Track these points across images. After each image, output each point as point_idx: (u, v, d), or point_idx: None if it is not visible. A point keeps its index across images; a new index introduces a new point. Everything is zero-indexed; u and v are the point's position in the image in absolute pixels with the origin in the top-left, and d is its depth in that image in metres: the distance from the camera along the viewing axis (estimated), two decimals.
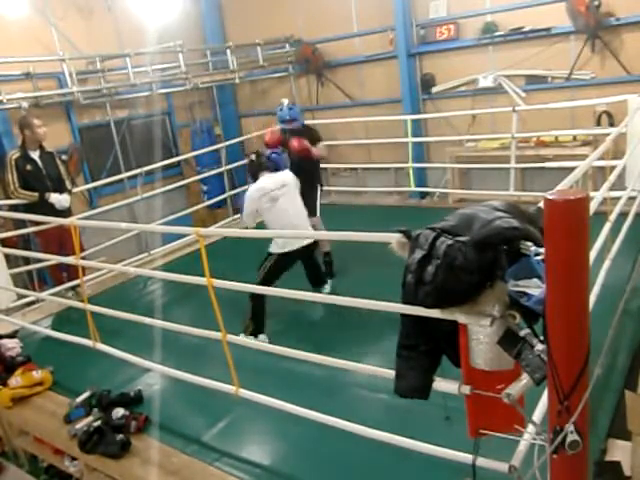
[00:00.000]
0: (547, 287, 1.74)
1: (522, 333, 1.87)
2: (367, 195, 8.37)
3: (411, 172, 7.58)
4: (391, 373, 2.27)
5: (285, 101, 5.67)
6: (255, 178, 4.64)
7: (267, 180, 4.57)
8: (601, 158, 3.97)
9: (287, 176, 4.70)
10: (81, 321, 4.06)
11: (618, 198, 4.33)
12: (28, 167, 5.39)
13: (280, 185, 4.57)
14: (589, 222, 1.70)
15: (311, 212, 5.14)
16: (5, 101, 6.44)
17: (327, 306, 3.19)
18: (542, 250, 1.77)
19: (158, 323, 3.62)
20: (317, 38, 8.65)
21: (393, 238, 2.12)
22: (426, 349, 2.16)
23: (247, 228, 4.63)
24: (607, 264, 3.92)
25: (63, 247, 5.37)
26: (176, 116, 9.24)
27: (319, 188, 5.63)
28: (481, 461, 2.18)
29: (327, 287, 4.97)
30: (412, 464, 2.72)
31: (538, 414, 2.38)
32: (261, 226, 4.66)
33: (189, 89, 8.41)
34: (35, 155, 5.46)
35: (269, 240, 4.51)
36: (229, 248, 5.90)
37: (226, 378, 3.16)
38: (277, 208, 4.49)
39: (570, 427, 1.75)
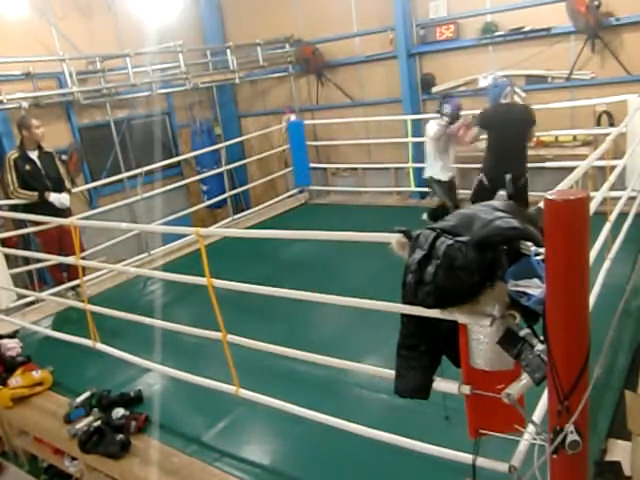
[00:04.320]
0: (547, 287, 1.74)
1: (522, 333, 1.87)
2: (367, 195, 8.36)
3: (411, 172, 7.58)
4: (391, 373, 2.27)
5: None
6: None
7: None
8: (601, 158, 3.97)
9: (428, 127, 5.78)
10: (81, 321, 4.07)
11: (618, 198, 4.33)
12: (27, 167, 5.38)
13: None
14: (589, 222, 1.70)
15: None
16: (5, 101, 6.44)
17: (327, 306, 3.19)
18: (542, 250, 1.77)
19: (158, 323, 3.63)
20: (317, 38, 8.64)
21: (393, 238, 2.12)
22: (426, 349, 2.16)
23: None
24: (607, 264, 3.92)
25: (63, 247, 5.37)
26: (176, 116, 9.23)
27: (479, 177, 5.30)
28: (481, 461, 2.18)
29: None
30: (412, 464, 2.72)
31: (538, 414, 2.38)
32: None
33: (189, 89, 8.40)
34: (34, 155, 5.45)
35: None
36: (229, 248, 5.90)
37: (226, 378, 3.16)
38: None
39: (570, 427, 1.75)
